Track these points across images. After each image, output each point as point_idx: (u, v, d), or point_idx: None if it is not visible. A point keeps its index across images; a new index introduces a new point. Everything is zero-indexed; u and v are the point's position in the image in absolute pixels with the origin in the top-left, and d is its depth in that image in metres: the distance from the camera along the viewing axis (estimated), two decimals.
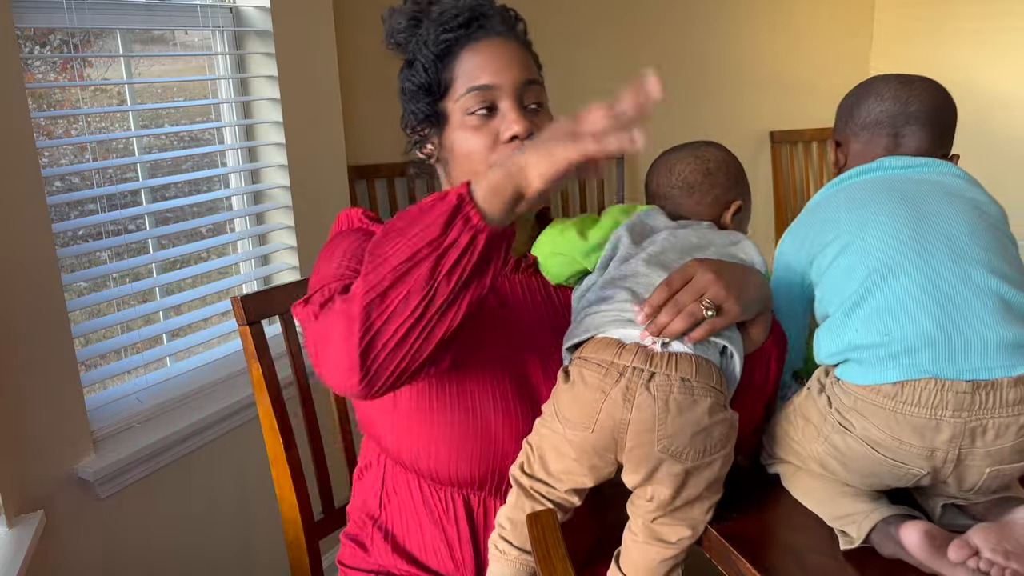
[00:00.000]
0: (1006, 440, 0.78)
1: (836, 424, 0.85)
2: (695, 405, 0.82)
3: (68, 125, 1.69)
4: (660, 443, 0.82)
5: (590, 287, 0.96)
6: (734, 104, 3.26)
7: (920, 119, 0.99)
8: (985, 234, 0.86)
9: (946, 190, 0.91)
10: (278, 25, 1.77)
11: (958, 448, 0.79)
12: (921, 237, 0.85)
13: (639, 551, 0.90)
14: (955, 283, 0.82)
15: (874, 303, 0.84)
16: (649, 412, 0.82)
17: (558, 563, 0.81)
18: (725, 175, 1.04)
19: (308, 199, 1.90)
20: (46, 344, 1.37)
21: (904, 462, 0.82)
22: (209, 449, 1.69)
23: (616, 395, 0.83)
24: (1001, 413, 0.78)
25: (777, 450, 0.96)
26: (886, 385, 0.80)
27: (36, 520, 1.32)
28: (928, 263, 0.83)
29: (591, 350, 0.87)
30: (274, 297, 1.27)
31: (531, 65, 1.01)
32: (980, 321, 0.80)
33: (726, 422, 0.84)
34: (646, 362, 0.83)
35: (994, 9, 2.98)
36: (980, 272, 0.82)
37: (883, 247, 0.86)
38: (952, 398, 0.78)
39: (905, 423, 0.80)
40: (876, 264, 0.85)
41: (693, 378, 0.83)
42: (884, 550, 0.83)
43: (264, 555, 1.84)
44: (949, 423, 0.78)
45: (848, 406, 0.84)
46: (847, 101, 1.06)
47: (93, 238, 1.60)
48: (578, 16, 2.87)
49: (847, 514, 0.86)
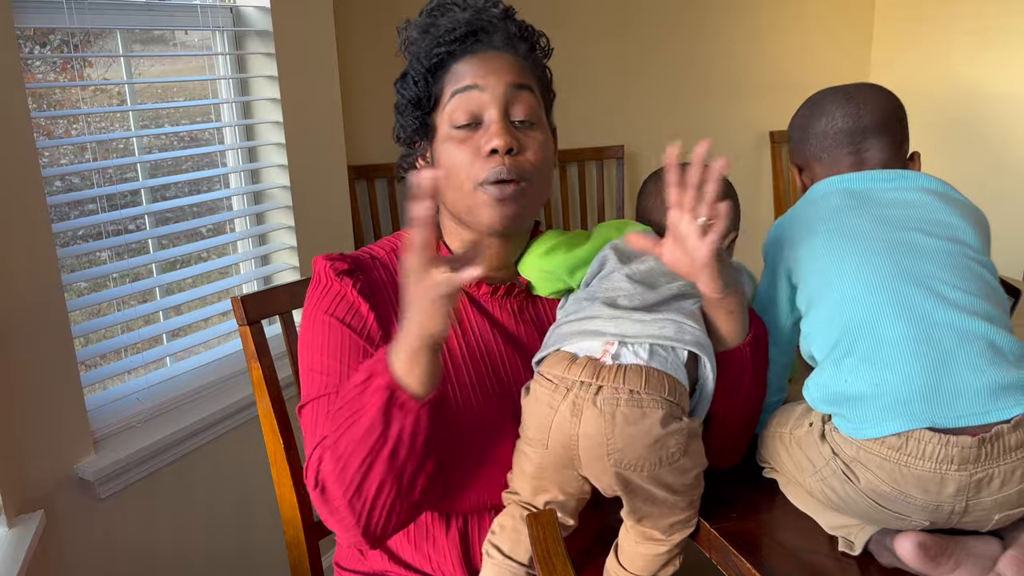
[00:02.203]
0: (1012, 486, 0.77)
1: (839, 472, 0.83)
2: (644, 417, 0.80)
3: (68, 125, 1.69)
4: (611, 457, 0.81)
5: (570, 301, 0.95)
6: (734, 104, 3.25)
7: (876, 131, 0.97)
8: (966, 274, 0.84)
9: (923, 222, 0.89)
10: (278, 25, 1.77)
11: (965, 500, 0.77)
12: (903, 281, 0.83)
13: (633, 548, 0.91)
14: (941, 329, 0.80)
15: (861, 352, 0.82)
16: (596, 426, 0.81)
17: (558, 563, 0.81)
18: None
19: (308, 199, 1.90)
20: (46, 344, 1.37)
21: (907, 515, 0.80)
22: (209, 449, 1.69)
23: (564, 410, 0.82)
24: (1005, 460, 0.76)
25: (770, 460, 0.96)
26: (890, 438, 0.78)
27: (36, 520, 1.32)
28: (912, 310, 0.82)
29: (547, 365, 0.87)
30: (274, 297, 1.26)
31: (525, 73, 0.96)
32: (969, 366, 0.79)
33: (681, 432, 0.82)
34: (593, 376, 0.82)
35: (994, 9, 2.98)
36: (964, 317, 0.81)
37: (865, 293, 0.84)
38: (957, 453, 0.76)
39: (910, 475, 0.78)
40: (859, 312, 0.84)
41: (642, 390, 0.81)
42: (882, 559, 0.83)
43: (264, 555, 1.84)
44: (954, 477, 0.77)
45: (851, 456, 0.82)
46: (798, 123, 1.04)
47: (93, 238, 1.60)
48: (578, 16, 2.87)
49: (843, 525, 0.86)
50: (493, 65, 0.94)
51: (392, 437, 0.79)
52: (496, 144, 0.90)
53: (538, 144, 0.95)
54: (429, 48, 0.95)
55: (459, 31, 0.94)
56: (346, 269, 0.97)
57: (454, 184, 0.94)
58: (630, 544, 0.92)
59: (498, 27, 0.96)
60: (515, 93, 0.93)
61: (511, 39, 0.96)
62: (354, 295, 0.95)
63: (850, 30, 3.40)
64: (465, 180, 0.93)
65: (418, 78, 0.96)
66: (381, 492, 0.82)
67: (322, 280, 0.98)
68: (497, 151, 0.91)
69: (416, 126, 0.98)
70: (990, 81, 3.05)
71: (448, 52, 0.95)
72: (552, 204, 2.99)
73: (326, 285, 0.97)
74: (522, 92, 0.94)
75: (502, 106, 0.93)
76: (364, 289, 0.96)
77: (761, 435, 0.97)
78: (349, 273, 0.97)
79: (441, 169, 0.95)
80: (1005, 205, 2.96)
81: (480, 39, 0.95)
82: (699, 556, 0.94)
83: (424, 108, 0.97)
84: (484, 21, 0.95)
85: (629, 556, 0.92)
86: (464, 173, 0.93)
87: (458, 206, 0.96)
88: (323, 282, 0.98)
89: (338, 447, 0.82)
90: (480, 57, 0.95)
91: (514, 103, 0.93)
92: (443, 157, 0.95)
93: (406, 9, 1.02)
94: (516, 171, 0.92)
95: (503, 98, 0.93)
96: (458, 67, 0.95)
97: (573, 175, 2.99)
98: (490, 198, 0.92)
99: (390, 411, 0.78)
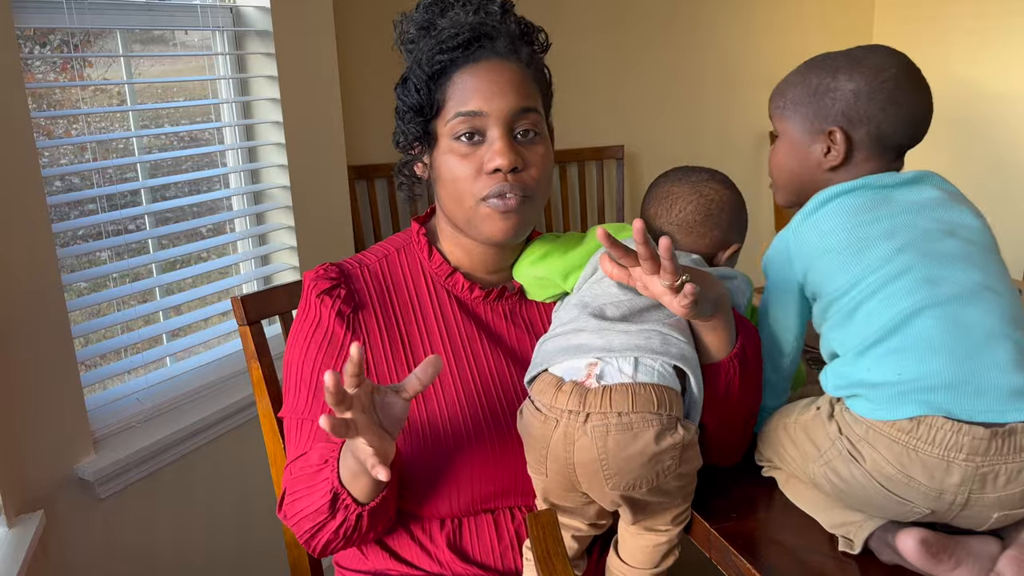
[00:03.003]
0: (1016, 485, 0.77)
1: (845, 452, 0.82)
2: (636, 439, 0.80)
3: (68, 125, 1.69)
4: (609, 481, 0.81)
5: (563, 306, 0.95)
6: (734, 104, 3.26)
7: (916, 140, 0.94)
8: (995, 274, 0.84)
9: (945, 222, 0.87)
10: (278, 25, 1.77)
11: (968, 493, 0.77)
12: (931, 282, 0.82)
13: (634, 541, 0.92)
14: (972, 328, 0.80)
15: (889, 345, 0.82)
16: (590, 455, 0.81)
17: (558, 563, 0.81)
18: (728, 217, 0.99)
19: (308, 199, 1.90)
20: (46, 344, 1.37)
21: (910, 500, 0.80)
22: (209, 449, 1.69)
23: (557, 442, 0.82)
24: (1014, 459, 0.76)
25: (770, 455, 0.96)
26: (903, 420, 0.78)
27: (36, 520, 1.32)
28: (943, 307, 0.81)
29: (536, 391, 0.86)
30: (274, 297, 1.26)
31: (530, 91, 0.95)
32: (995, 366, 0.78)
33: (677, 445, 0.81)
34: (580, 403, 0.81)
35: (994, 9, 2.98)
36: (994, 318, 0.80)
37: (896, 292, 0.82)
38: (968, 442, 0.76)
39: (917, 459, 0.78)
40: (895, 312, 0.82)
41: (631, 410, 0.80)
42: (883, 557, 0.83)
43: (263, 555, 1.84)
44: (960, 466, 0.76)
45: (859, 435, 0.81)
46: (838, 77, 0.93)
47: (93, 238, 1.60)
48: (578, 16, 2.87)
49: (843, 523, 0.86)
50: (497, 83, 0.92)
51: (337, 522, 0.90)
52: (499, 164, 0.91)
53: (540, 158, 0.95)
54: (431, 54, 0.94)
55: (461, 37, 0.93)
56: (328, 288, 0.99)
57: (455, 197, 0.95)
58: (631, 538, 0.92)
59: (500, 31, 0.95)
60: (520, 117, 0.93)
61: (513, 43, 0.95)
62: (330, 319, 0.98)
63: (850, 30, 3.40)
64: (467, 195, 0.93)
65: (420, 85, 0.94)
66: (329, 546, 0.94)
67: (304, 302, 1.01)
68: (500, 169, 0.91)
69: (418, 133, 0.97)
70: (990, 81, 3.05)
71: (450, 60, 0.93)
72: (552, 204, 2.99)
73: (305, 309, 1.01)
74: (527, 114, 0.94)
75: (505, 126, 0.92)
76: (345, 305, 0.98)
77: (762, 431, 0.96)
78: (330, 291, 0.99)
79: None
80: (1006, 205, 2.96)
81: (483, 45, 0.94)
82: (698, 555, 0.94)
83: (426, 115, 0.96)
84: (488, 26, 0.94)
85: (630, 550, 0.92)
86: (466, 188, 0.93)
87: (458, 218, 0.96)
88: (304, 305, 1.01)
89: (295, 506, 0.92)
90: (484, 68, 0.93)
91: (518, 121, 0.93)
92: (444, 169, 0.95)
93: (407, 9, 1.02)
94: (519, 187, 0.92)
95: (507, 121, 0.92)
96: (461, 77, 0.93)
97: (573, 175, 2.99)
98: (492, 211, 0.93)
99: (335, 505, 0.88)
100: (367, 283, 1.01)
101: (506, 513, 0.99)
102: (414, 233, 1.05)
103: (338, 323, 0.98)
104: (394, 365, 0.98)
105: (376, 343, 0.98)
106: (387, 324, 0.99)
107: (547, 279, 0.99)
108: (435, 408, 0.96)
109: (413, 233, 1.06)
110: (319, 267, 1.02)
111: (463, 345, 1.00)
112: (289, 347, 1.02)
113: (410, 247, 1.05)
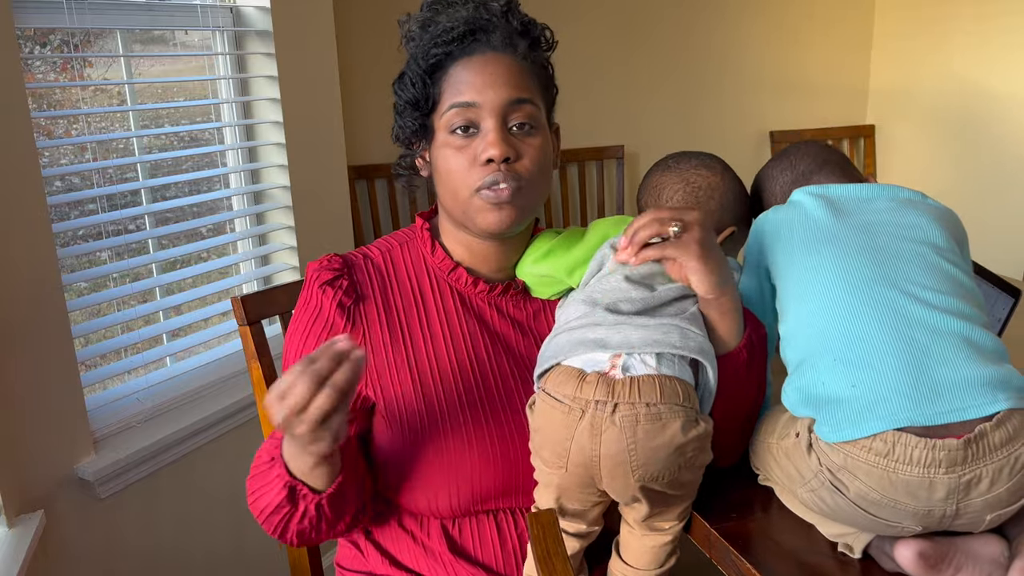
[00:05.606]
0: (1001, 484, 0.77)
1: (828, 484, 0.82)
2: (664, 429, 0.80)
3: (68, 125, 1.70)
4: (635, 473, 0.81)
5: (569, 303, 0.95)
6: (734, 104, 3.26)
7: (836, 162, 1.03)
8: (937, 274, 0.85)
9: (893, 226, 0.90)
10: (278, 25, 1.77)
11: (955, 503, 0.77)
12: (877, 283, 0.84)
13: (638, 541, 0.91)
14: (915, 327, 0.81)
15: (837, 352, 0.83)
16: (618, 445, 0.80)
17: (558, 563, 0.81)
18: (717, 201, 1.01)
19: (308, 199, 1.90)
20: (46, 344, 1.37)
21: (898, 521, 0.80)
22: (209, 449, 1.69)
23: (583, 432, 0.81)
24: (992, 459, 0.76)
25: (762, 469, 0.95)
26: (876, 443, 0.78)
27: (36, 520, 1.32)
28: (886, 310, 0.82)
29: (553, 383, 0.85)
30: (274, 297, 1.26)
31: (525, 83, 0.95)
32: (945, 362, 0.79)
33: (700, 437, 0.82)
34: (608, 394, 0.81)
35: (994, 9, 2.98)
36: (937, 314, 0.81)
37: (841, 295, 0.85)
38: (945, 456, 0.76)
39: (898, 482, 0.77)
40: (835, 314, 0.84)
41: (659, 401, 0.80)
42: (883, 565, 0.83)
43: (263, 555, 1.84)
44: (943, 480, 0.76)
45: (839, 465, 0.81)
46: (750, 196, 1.09)
47: (93, 238, 1.60)
48: (578, 16, 2.87)
49: (841, 533, 0.86)
50: (491, 75, 0.93)
51: (300, 512, 0.90)
52: (492, 154, 0.91)
53: (535, 149, 0.95)
54: (426, 48, 0.94)
55: (457, 31, 0.93)
56: (330, 279, 0.99)
57: (451, 190, 0.95)
58: (636, 540, 0.91)
59: (498, 25, 0.95)
60: (514, 107, 0.93)
61: (511, 37, 0.95)
62: (331, 310, 0.98)
63: (850, 30, 3.40)
64: (461, 187, 0.94)
65: (416, 80, 0.95)
66: (303, 536, 0.94)
67: (306, 291, 1.01)
68: (493, 160, 0.91)
69: (415, 128, 0.98)
70: (990, 81, 3.05)
71: (446, 53, 0.94)
72: (552, 204, 2.99)
73: (307, 298, 1.00)
74: (521, 105, 0.94)
75: (499, 117, 0.93)
76: (347, 296, 0.98)
77: (752, 443, 0.96)
78: (333, 282, 0.99)
79: None
80: (1005, 205, 2.96)
81: (478, 38, 0.94)
82: (698, 555, 0.94)
83: (423, 110, 0.96)
84: (484, 19, 0.94)
85: (635, 553, 0.91)
86: (460, 180, 0.94)
87: (455, 211, 0.97)
88: (306, 294, 1.01)
89: (257, 505, 0.94)
90: (478, 61, 0.94)
91: (512, 112, 0.93)
92: (440, 162, 0.96)
93: (407, 9, 1.02)
94: (512, 177, 0.92)
95: (501, 111, 0.93)
96: (456, 70, 0.94)
97: (573, 175, 3.00)
98: (486, 203, 0.93)
99: (295, 496, 0.89)
100: (370, 275, 1.01)
101: (508, 516, 0.99)
102: (418, 228, 1.05)
103: (338, 314, 0.98)
104: (393, 357, 0.98)
105: (376, 335, 0.98)
106: (388, 316, 0.99)
107: (551, 276, 0.99)
108: (435, 403, 0.96)
109: (417, 228, 1.06)
110: (323, 257, 1.02)
111: (464, 339, 1.00)
112: (288, 336, 1.02)
113: (414, 242, 1.05)
